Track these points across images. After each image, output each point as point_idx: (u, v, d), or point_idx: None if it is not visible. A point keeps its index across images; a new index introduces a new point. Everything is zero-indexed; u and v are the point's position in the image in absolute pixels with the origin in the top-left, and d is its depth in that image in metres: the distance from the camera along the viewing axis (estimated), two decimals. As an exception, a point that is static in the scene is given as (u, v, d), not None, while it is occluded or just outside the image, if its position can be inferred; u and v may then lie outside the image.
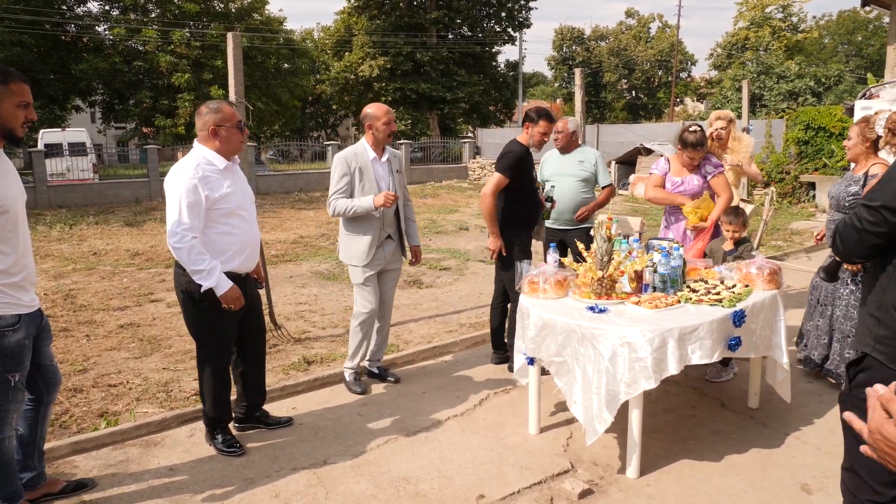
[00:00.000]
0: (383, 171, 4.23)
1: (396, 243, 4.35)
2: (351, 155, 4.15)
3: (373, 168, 4.16)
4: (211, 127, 3.26)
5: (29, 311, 2.69)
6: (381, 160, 4.21)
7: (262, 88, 26.97)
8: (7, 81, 2.53)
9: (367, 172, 4.14)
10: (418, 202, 16.62)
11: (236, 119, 3.35)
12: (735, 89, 24.27)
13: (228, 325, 3.39)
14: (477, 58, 33.41)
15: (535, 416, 3.71)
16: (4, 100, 2.52)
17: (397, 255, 4.39)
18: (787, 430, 3.69)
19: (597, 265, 3.52)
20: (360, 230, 4.19)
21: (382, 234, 4.23)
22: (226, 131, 3.29)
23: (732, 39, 40.78)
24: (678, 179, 4.53)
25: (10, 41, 22.01)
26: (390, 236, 4.30)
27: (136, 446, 3.56)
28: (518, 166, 4.41)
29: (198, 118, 3.33)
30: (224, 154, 3.32)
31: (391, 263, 4.36)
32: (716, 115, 5.11)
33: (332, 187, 4.15)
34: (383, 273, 4.36)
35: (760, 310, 3.49)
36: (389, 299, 4.46)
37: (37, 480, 2.99)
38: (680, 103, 48.87)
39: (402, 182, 4.37)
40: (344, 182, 4.12)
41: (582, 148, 5.12)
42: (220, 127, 3.28)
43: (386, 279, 4.39)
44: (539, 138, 4.47)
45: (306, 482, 3.20)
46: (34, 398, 2.89)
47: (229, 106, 3.39)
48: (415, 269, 8.32)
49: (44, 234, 11.49)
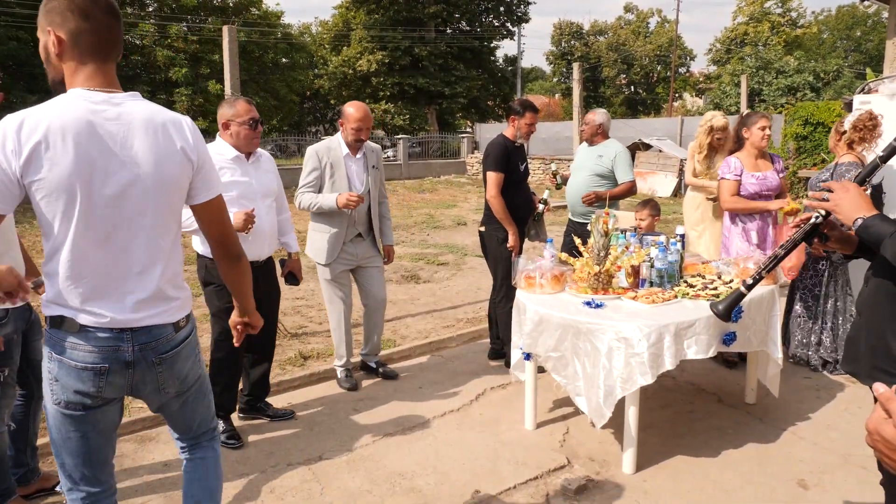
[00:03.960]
0: (357, 167, 4.17)
1: (369, 241, 4.28)
2: (323, 149, 4.11)
3: (345, 164, 4.10)
4: (223, 121, 3.42)
5: (16, 306, 2.66)
6: (354, 156, 4.16)
7: (260, 83, 26.86)
8: None
9: (338, 168, 4.08)
10: (416, 197, 16.60)
11: (247, 116, 3.42)
12: (734, 84, 24.26)
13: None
14: (475, 52, 33.34)
15: (532, 412, 3.70)
16: None
17: (373, 251, 4.31)
18: (783, 426, 3.68)
19: (593, 260, 3.50)
20: (327, 226, 4.14)
21: (351, 231, 4.16)
22: (235, 126, 3.41)
23: (731, 34, 40.74)
24: (760, 174, 4.40)
25: (7, 36, 21.89)
26: (360, 234, 4.22)
27: (131, 442, 3.55)
28: (507, 159, 4.44)
29: (218, 111, 3.49)
30: (237, 147, 3.42)
31: (366, 260, 4.28)
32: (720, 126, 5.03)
33: (301, 180, 4.11)
34: (362, 269, 4.31)
35: (758, 305, 3.48)
36: (379, 293, 4.37)
37: (30, 476, 2.97)
38: (679, 98, 48.81)
39: (378, 179, 4.29)
40: (313, 176, 4.08)
41: (606, 142, 4.99)
42: (231, 122, 3.40)
43: (368, 275, 4.33)
44: (526, 129, 4.50)
45: (301, 477, 3.19)
46: (25, 394, 2.88)
47: (245, 103, 3.48)
48: (412, 264, 8.30)
49: (38, 230, 11.45)
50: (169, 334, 1.90)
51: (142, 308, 1.83)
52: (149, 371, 1.88)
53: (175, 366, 1.94)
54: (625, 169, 4.84)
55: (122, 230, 1.78)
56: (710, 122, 5.05)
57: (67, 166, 1.67)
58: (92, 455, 1.90)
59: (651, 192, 16.76)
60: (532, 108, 4.52)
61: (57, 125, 1.67)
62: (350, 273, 4.31)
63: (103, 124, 1.73)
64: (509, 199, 4.46)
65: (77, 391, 1.81)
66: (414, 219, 12.69)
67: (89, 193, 1.71)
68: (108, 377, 1.82)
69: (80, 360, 1.79)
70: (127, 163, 1.76)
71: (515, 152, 4.54)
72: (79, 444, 1.88)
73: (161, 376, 1.91)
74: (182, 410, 2.07)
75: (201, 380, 2.10)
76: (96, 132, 1.72)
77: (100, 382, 1.81)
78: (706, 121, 5.11)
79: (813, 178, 4.57)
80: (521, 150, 4.64)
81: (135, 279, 1.82)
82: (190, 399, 2.06)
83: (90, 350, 1.78)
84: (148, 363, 1.87)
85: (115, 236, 1.77)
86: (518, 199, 4.54)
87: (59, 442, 1.88)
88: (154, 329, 1.86)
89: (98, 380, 1.81)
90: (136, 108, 1.81)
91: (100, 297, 1.78)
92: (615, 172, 4.86)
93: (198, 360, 2.06)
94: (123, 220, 1.77)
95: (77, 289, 1.76)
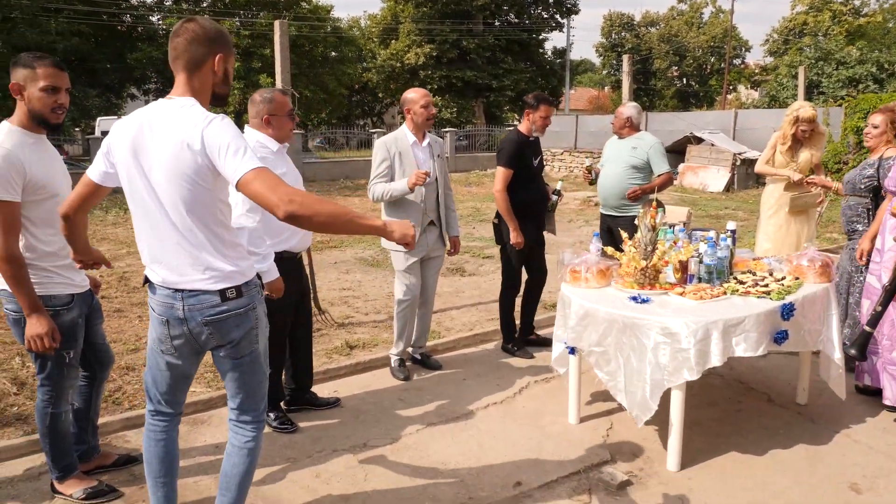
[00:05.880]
0: (424, 156, 4.24)
1: (439, 230, 4.37)
2: (391, 140, 4.20)
3: (413, 152, 4.18)
4: (265, 116, 3.40)
5: (80, 291, 2.80)
6: (421, 144, 4.24)
7: (310, 76, 27.24)
8: (34, 66, 2.58)
9: (406, 156, 4.16)
10: (463, 190, 16.61)
11: (287, 108, 3.46)
12: (791, 76, 23.47)
13: (286, 304, 3.51)
14: (524, 45, 33.08)
15: (575, 406, 3.69)
16: (31, 84, 2.58)
17: (439, 242, 4.40)
18: (836, 428, 3.59)
19: (640, 255, 3.46)
20: (403, 216, 4.21)
21: (425, 219, 4.25)
22: (277, 120, 3.42)
23: (790, 24, 39.36)
24: None
25: (70, 31, 22.73)
26: (433, 222, 4.31)
27: (184, 424, 3.64)
28: (518, 155, 4.48)
29: (251, 106, 3.46)
30: (278, 139, 3.46)
31: (434, 251, 4.37)
32: (806, 118, 4.86)
33: (373, 172, 4.20)
34: (426, 261, 4.38)
35: (811, 303, 3.39)
36: (432, 287, 4.49)
37: (91, 453, 3.11)
38: (733, 91, 47.51)
39: (443, 168, 4.37)
40: (384, 167, 4.16)
41: (639, 134, 5.04)
42: (273, 116, 3.41)
43: (429, 267, 4.41)
44: (541, 122, 4.55)
45: (346, 463, 3.26)
46: (88, 375, 3.01)
47: (281, 95, 3.50)
48: (457, 258, 8.32)
49: (100, 219, 11.88)
50: (214, 301, 2.19)
51: (185, 273, 2.17)
52: (199, 330, 2.22)
53: (222, 330, 2.23)
54: (661, 160, 4.93)
55: (154, 211, 2.15)
56: (797, 112, 4.91)
57: (121, 161, 2.19)
58: (161, 385, 2.38)
59: (702, 186, 16.39)
60: (546, 101, 4.57)
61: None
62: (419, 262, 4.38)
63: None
64: (523, 194, 4.55)
65: (156, 333, 2.29)
66: (460, 212, 12.64)
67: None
68: (169, 328, 2.24)
69: (155, 310, 2.28)
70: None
71: (529, 147, 4.59)
72: (157, 374, 2.37)
73: (211, 337, 2.24)
74: (232, 378, 2.36)
75: (256, 358, 2.36)
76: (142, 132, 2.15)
77: (163, 330, 2.25)
78: (792, 110, 4.98)
79: (853, 175, 4.28)
80: (535, 144, 4.69)
81: (173, 250, 2.16)
82: (241, 371, 2.34)
83: (158, 303, 2.24)
84: (197, 322, 2.21)
85: (151, 215, 2.16)
86: (532, 194, 4.61)
87: (148, 365, 2.40)
88: (200, 294, 2.18)
89: (162, 328, 2.26)
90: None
91: (157, 262, 2.20)
92: (651, 164, 4.89)
93: (254, 336, 2.32)
94: (154, 203, 2.14)
95: (143, 254, 2.25)
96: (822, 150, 5.09)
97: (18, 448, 3.30)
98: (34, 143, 2.63)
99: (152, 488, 2.43)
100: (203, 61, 2.16)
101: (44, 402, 2.79)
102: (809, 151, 4.99)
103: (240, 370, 2.33)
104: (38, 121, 2.63)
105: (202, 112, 2.09)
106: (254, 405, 2.42)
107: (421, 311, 4.50)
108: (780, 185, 5.07)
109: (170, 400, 2.42)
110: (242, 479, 2.41)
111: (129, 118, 2.19)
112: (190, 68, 2.16)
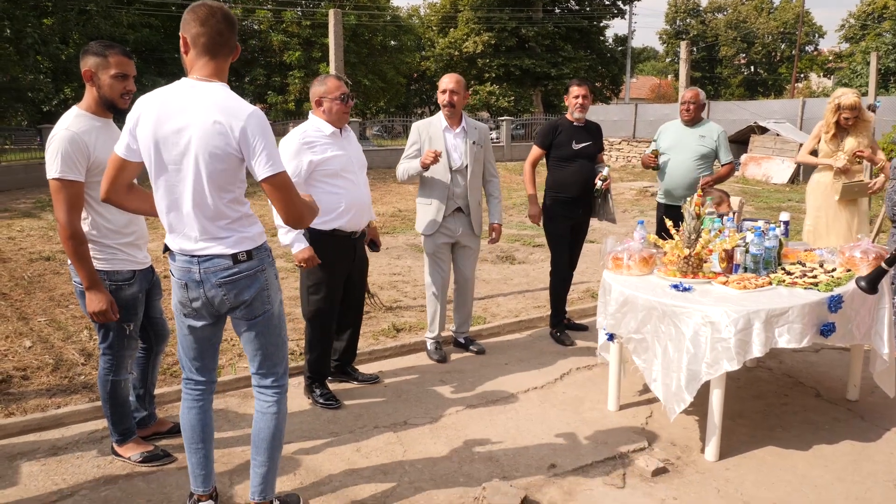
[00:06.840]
0: (456, 141, 4.30)
1: (468, 218, 4.36)
2: (424, 124, 4.35)
3: (444, 137, 4.26)
4: (316, 98, 3.57)
5: (142, 268, 2.97)
6: (454, 129, 4.29)
7: (369, 65, 27.57)
8: (106, 54, 2.76)
9: (436, 140, 4.25)
10: (517, 179, 16.57)
11: (339, 92, 3.56)
12: (866, 63, 22.37)
13: (335, 281, 3.66)
14: (584, 32, 32.59)
15: (615, 393, 3.69)
16: (102, 71, 2.76)
17: (469, 231, 4.39)
18: (886, 426, 3.48)
19: (684, 243, 3.44)
20: (428, 198, 4.35)
21: (451, 204, 4.30)
22: (328, 102, 3.55)
23: (868, 8, 37.42)
24: None
25: (140, 23, 23.66)
26: (461, 209, 4.34)
27: (236, 397, 3.86)
28: (551, 136, 4.68)
29: (311, 91, 3.64)
30: (331, 122, 3.56)
31: (464, 238, 4.40)
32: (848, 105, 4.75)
33: (404, 154, 4.35)
34: (457, 248, 4.45)
35: (862, 296, 3.29)
36: (469, 275, 4.52)
37: (148, 420, 3.32)
38: (804, 79, 45.62)
39: (480, 156, 4.38)
40: (413, 149, 4.31)
41: (706, 122, 4.99)
42: (324, 98, 3.55)
43: (462, 255, 4.46)
44: (574, 103, 4.64)
45: (386, 440, 3.36)
46: (146, 347, 3.20)
47: (335, 79, 3.63)
48: (507, 245, 8.36)
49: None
50: (227, 264, 2.33)
51: (200, 240, 2.32)
52: (214, 293, 2.36)
53: (235, 290, 2.37)
54: (727, 150, 4.93)
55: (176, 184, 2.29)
56: (838, 99, 4.78)
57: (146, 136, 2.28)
58: (188, 350, 2.53)
59: (765, 178, 15.88)
60: (575, 82, 4.71)
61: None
62: (450, 249, 4.45)
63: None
64: (558, 174, 4.68)
65: (177, 297, 2.44)
66: (513, 200, 12.70)
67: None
68: (188, 291, 2.38)
69: (175, 275, 2.42)
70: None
71: (568, 130, 4.66)
72: (183, 338, 2.52)
73: (226, 299, 2.37)
74: (249, 339, 2.48)
75: (271, 318, 2.47)
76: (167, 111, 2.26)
77: (183, 294, 2.40)
78: (834, 98, 4.85)
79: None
80: (579, 129, 4.68)
81: (191, 222, 2.31)
82: (257, 332, 2.46)
83: (177, 268, 2.39)
84: (212, 284, 2.35)
85: (173, 189, 2.30)
86: (565, 176, 4.67)
87: (177, 335, 2.55)
88: (214, 258, 2.33)
89: (182, 291, 2.40)
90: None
91: (175, 232, 2.36)
92: (718, 153, 4.83)
93: (266, 297, 2.44)
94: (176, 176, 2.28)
95: (164, 224, 2.38)
96: (869, 138, 4.90)
97: (84, 413, 3.53)
98: (101, 127, 2.81)
99: (189, 453, 2.58)
100: (232, 51, 2.35)
101: (105, 370, 2.98)
102: (856, 139, 4.83)
103: (255, 330, 2.45)
104: (108, 105, 2.82)
105: (241, 101, 2.27)
106: (273, 368, 2.53)
107: (460, 298, 4.58)
108: (825, 174, 4.95)
109: (200, 367, 2.55)
110: (270, 444, 2.54)
111: (154, 95, 2.28)
112: (226, 54, 2.33)
